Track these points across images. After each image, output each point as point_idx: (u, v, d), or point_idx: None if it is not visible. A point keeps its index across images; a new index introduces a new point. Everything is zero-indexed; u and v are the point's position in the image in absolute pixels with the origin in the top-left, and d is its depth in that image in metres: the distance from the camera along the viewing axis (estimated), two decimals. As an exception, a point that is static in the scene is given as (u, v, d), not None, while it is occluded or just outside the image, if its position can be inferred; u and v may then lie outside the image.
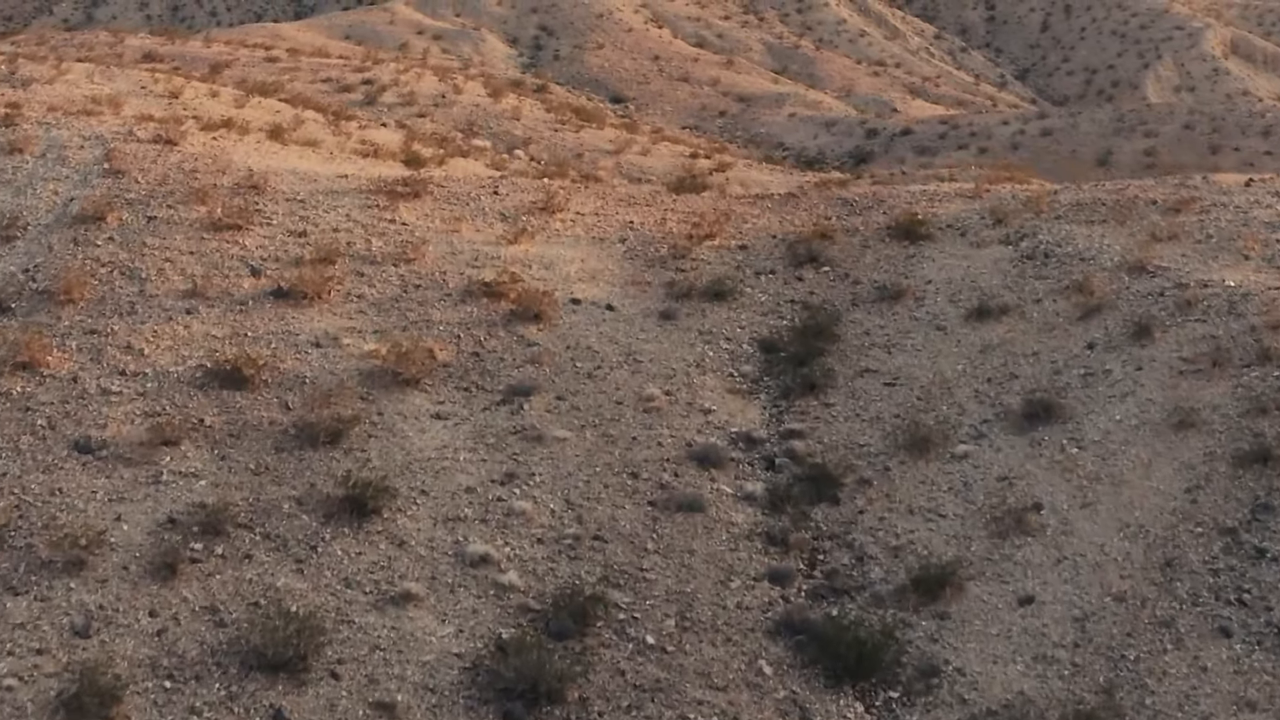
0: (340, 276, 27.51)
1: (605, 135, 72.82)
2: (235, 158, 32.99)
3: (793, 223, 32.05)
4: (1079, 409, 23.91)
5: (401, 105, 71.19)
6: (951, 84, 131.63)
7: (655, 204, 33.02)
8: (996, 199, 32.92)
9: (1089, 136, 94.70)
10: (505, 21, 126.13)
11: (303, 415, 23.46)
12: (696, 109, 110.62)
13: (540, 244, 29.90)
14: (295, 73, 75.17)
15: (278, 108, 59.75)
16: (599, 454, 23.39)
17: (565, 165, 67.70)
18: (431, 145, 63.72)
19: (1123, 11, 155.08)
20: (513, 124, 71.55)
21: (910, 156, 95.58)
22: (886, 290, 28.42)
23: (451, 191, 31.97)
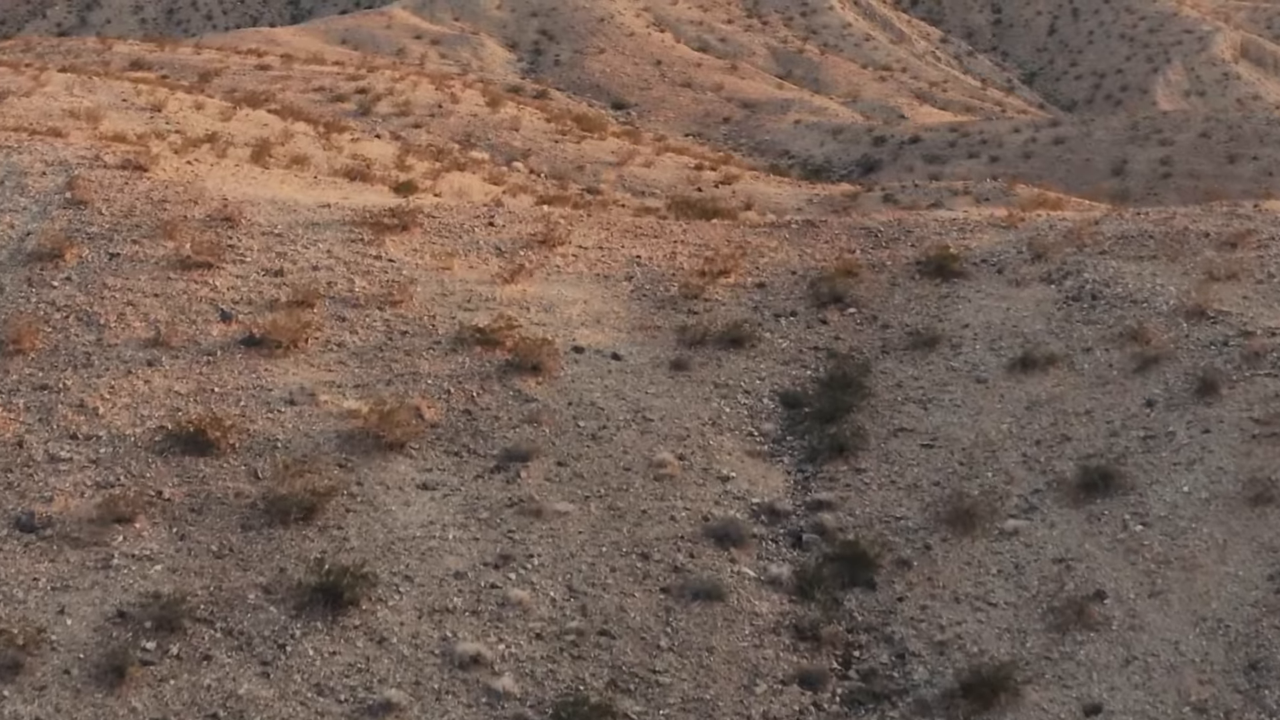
0: (319, 322, 24.91)
1: (607, 146, 70.24)
2: (209, 185, 30.38)
3: (813, 256, 29.43)
4: (1141, 478, 21.31)
5: (396, 115, 68.58)
6: (959, 89, 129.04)
7: (664, 235, 30.41)
8: (1033, 229, 30.31)
9: (1102, 145, 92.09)
10: (505, 26, 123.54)
11: (273, 486, 20.88)
12: (700, 115, 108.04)
13: (539, 282, 27.30)
14: (287, 81, 72.58)
15: (266, 120, 57.19)
16: (605, 531, 20.80)
17: (566, 179, 65.18)
18: (427, 158, 61.15)
19: (1131, 15, 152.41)
20: (511, 134, 68.95)
21: (919, 165, 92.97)
22: (919, 336, 25.81)
23: (443, 223, 29.36)
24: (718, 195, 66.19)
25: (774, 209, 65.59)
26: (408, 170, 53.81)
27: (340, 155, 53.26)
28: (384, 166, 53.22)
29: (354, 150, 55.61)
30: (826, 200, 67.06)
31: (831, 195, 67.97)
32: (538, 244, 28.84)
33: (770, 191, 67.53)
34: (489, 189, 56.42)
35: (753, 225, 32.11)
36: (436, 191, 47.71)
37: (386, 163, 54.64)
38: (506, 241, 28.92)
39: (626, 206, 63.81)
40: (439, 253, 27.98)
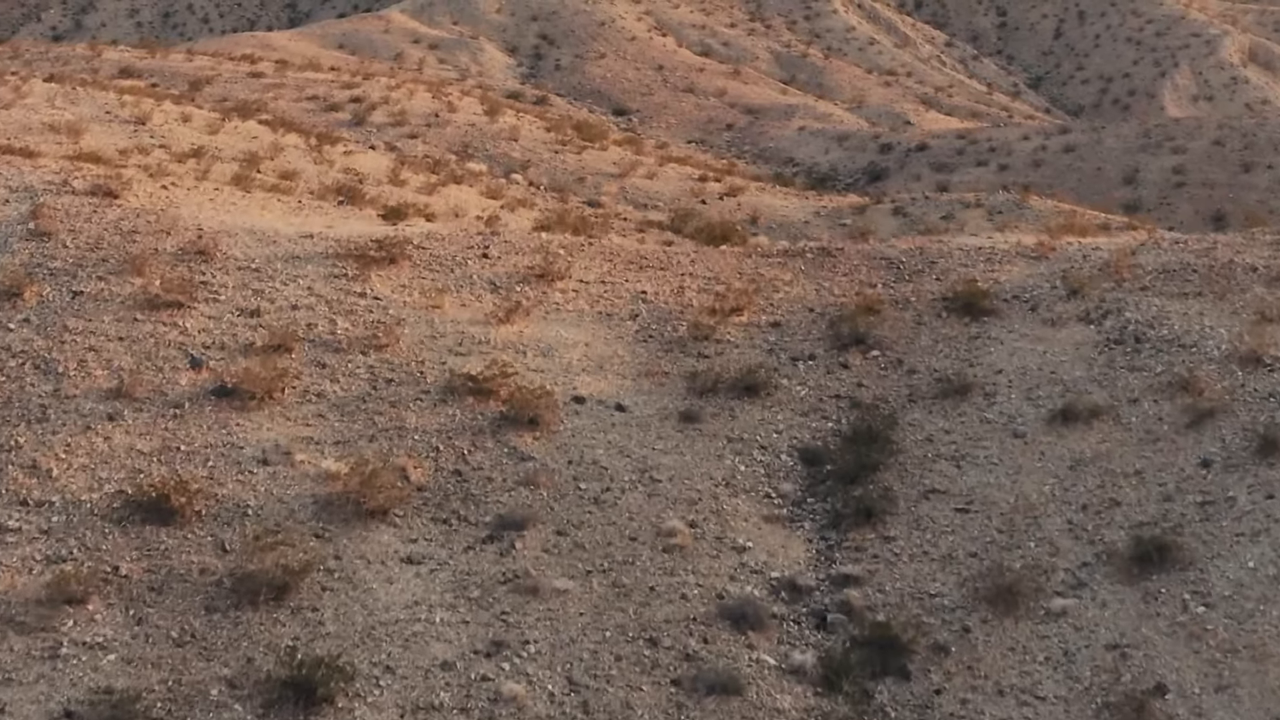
0: (297, 369, 22.83)
1: (608, 156, 68.18)
2: (184, 213, 28.29)
3: (832, 291, 27.35)
4: (1200, 551, 19.24)
5: (392, 125, 66.53)
6: (964, 94, 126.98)
7: (670, 266, 28.32)
8: (1066, 261, 28.23)
9: (1114, 153, 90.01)
10: (504, 30, 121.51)
11: (242, 561, 18.80)
12: (702, 122, 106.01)
13: (537, 322, 25.22)
14: (279, 90, 70.53)
15: (255, 132, 55.13)
16: (609, 612, 18.71)
17: (567, 191, 63.12)
18: (422, 171, 59.08)
19: (1138, 18, 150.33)
20: (510, 145, 66.86)
21: (927, 173, 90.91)
22: (950, 383, 23.71)
23: (433, 255, 27.27)
24: (724, 208, 64.24)
25: (780, 222, 63.58)
26: (401, 184, 51.77)
27: (331, 169, 51.22)
28: (377, 181, 51.17)
29: (346, 164, 53.55)
30: (834, 213, 65.03)
31: (839, 208, 65.93)
32: (535, 278, 26.76)
33: (776, 204, 65.48)
34: (486, 204, 54.36)
35: (765, 254, 30.00)
36: (429, 212, 45.68)
37: (380, 176, 52.59)
38: (502, 276, 26.83)
39: (629, 220, 61.77)
40: (429, 289, 25.90)
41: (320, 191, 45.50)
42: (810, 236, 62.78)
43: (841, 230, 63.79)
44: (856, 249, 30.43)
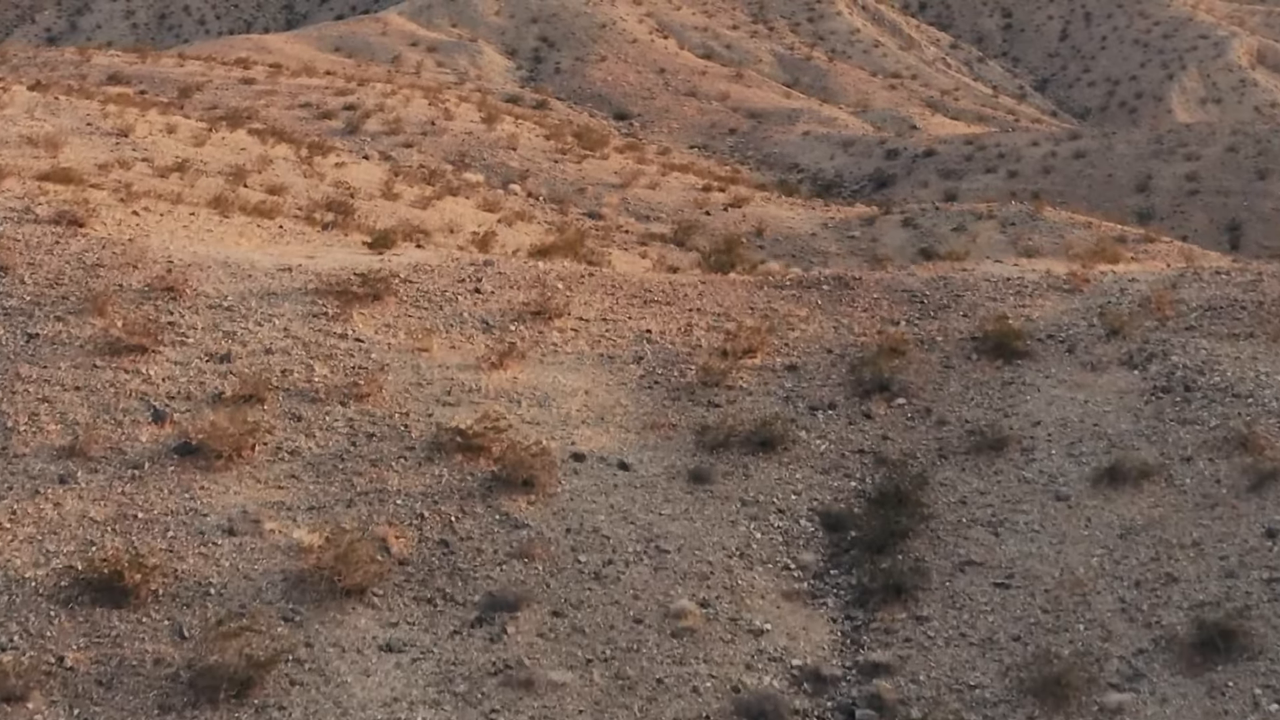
0: (269, 423, 20.79)
1: (609, 166, 66.11)
2: (154, 244, 26.23)
3: (851, 329, 25.30)
4: (1270, 638, 17.20)
5: (386, 134, 64.45)
6: (970, 97, 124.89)
7: (677, 301, 26.27)
8: (1102, 295, 26.18)
9: (1125, 159, 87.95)
10: (504, 32, 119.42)
11: (202, 651, 16.77)
12: (705, 126, 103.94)
13: (533, 366, 23.17)
14: (271, 97, 68.46)
15: (244, 144, 53.05)
16: (611, 709, 16.68)
17: (566, 203, 61.06)
18: (417, 183, 57.02)
19: (1145, 20, 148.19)
20: (508, 154, 64.79)
21: (934, 180, 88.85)
22: (983, 436, 21.66)
23: (421, 290, 25.22)
24: (729, 219, 62.20)
25: (786, 234, 61.53)
26: (395, 198, 49.74)
27: (322, 183, 49.17)
28: (368, 195, 49.13)
29: (337, 176, 51.48)
30: (842, 225, 63.00)
31: (847, 218, 63.91)
32: (531, 315, 24.71)
33: (782, 215, 63.45)
34: (483, 218, 52.31)
35: (777, 285, 27.92)
36: (422, 229, 43.68)
37: (372, 189, 50.55)
38: (495, 313, 24.78)
39: (631, 233, 59.76)
40: (415, 329, 23.85)
41: (309, 208, 43.49)
42: (818, 249, 60.86)
43: (850, 242, 61.89)
44: (876, 279, 28.37)
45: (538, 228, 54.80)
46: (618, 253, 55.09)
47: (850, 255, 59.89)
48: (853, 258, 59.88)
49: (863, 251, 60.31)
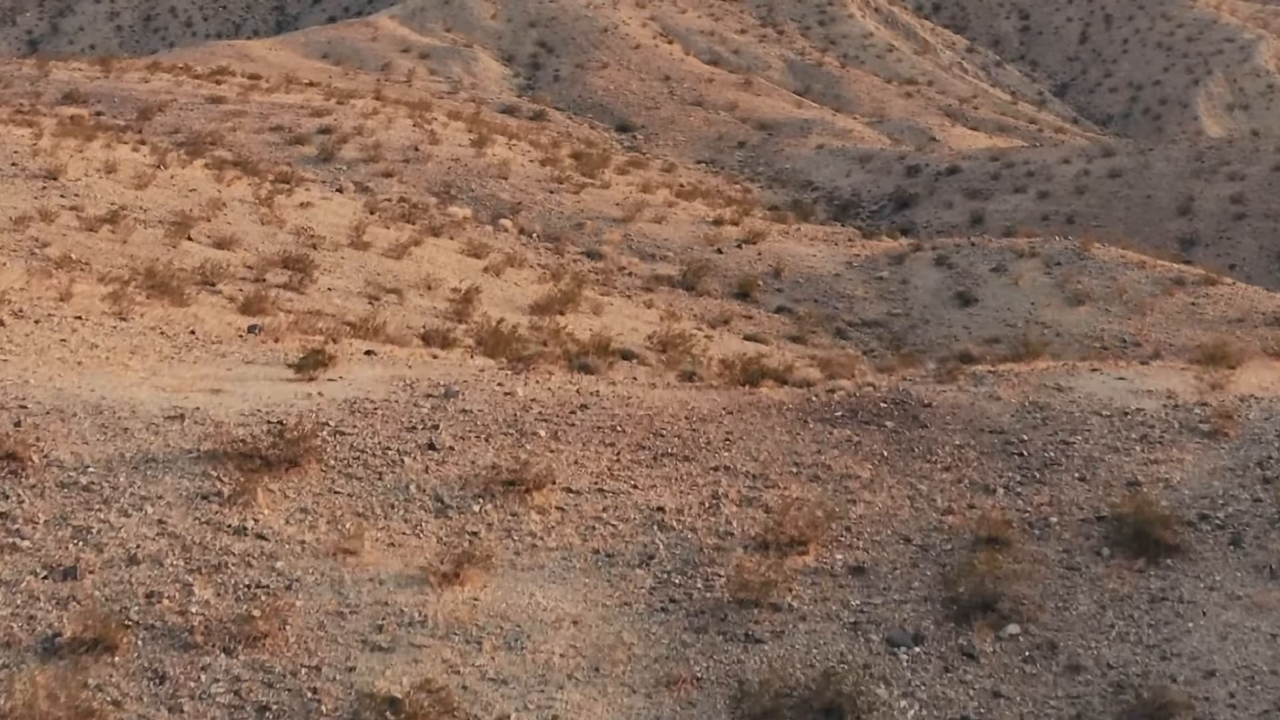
0: (117, 690, 14.22)
1: (610, 196, 59.47)
2: (8, 376, 19.67)
3: (932, 500, 18.69)
4: None
5: (364, 161, 57.81)
6: (989, 105, 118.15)
7: (697, 452, 19.69)
8: (1256, 440, 19.61)
9: (1164, 179, 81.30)
10: (500, 37, 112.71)
11: None
12: (712, 139, 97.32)
13: (501, 578, 16.57)
14: (240, 119, 61.81)
15: (195, 181, 46.43)
16: None
17: (563, 240, 54.45)
18: (395, 222, 50.38)
19: (1168, 22, 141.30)
20: (499, 184, 58.16)
21: (959, 200, 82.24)
22: (1137, 696, 15.03)
23: (356, 447, 18.64)
24: (743, 259, 55.57)
25: (807, 275, 54.88)
26: (365, 247, 43.11)
27: (281, 231, 42.56)
28: (334, 245, 42.51)
29: (301, 220, 44.85)
30: (868, 265, 56.33)
31: (873, 256, 57.23)
32: (502, 487, 18.11)
33: (801, 253, 56.80)
34: (467, 267, 45.68)
35: (826, 416, 21.34)
36: (393, 292, 37.00)
37: (340, 236, 43.94)
38: (454, 484, 18.17)
39: (635, 275, 53.14)
40: (343, 515, 17.25)
41: (259, 268, 36.91)
42: (843, 293, 54.31)
43: (878, 284, 55.27)
44: (951, 405, 21.80)
45: (530, 274, 48.24)
46: (619, 302, 48.54)
47: (879, 299, 53.33)
48: (882, 302, 53.32)
49: (892, 296, 53.74)
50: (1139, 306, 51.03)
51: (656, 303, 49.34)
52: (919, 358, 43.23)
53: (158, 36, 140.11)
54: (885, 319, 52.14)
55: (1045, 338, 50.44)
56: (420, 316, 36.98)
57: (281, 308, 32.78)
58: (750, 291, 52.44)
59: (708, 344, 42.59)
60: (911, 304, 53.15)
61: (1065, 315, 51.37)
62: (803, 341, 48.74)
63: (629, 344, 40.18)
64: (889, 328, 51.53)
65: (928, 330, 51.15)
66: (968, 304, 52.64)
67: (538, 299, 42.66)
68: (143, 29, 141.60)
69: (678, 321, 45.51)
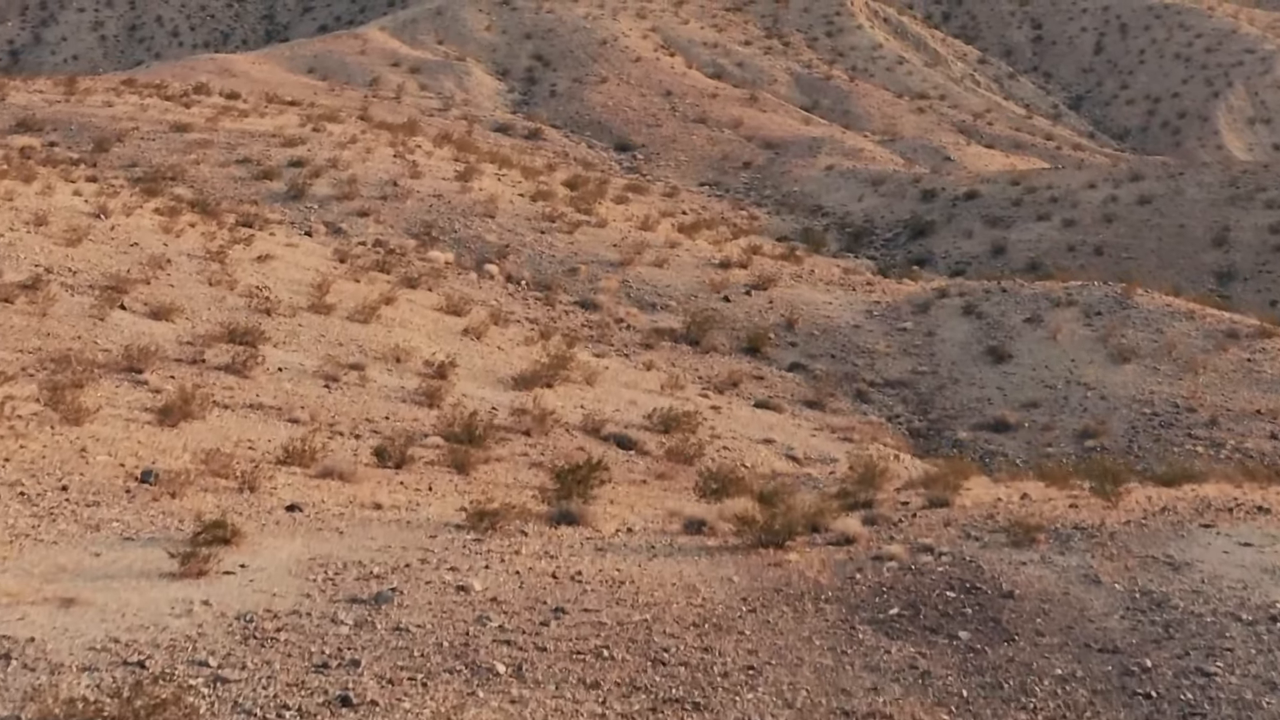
0: None
1: (607, 235, 54.10)
2: None
3: (1037, 781, 13.33)
4: None
5: (338, 199, 52.45)
6: (1003, 120, 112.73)
7: (712, 700, 14.30)
8: None
9: (1197, 206, 75.93)
10: (494, 50, 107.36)
11: None
12: (716, 159, 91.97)
13: None
14: (205, 150, 56.44)
15: (139, 232, 41.08)
16: None
17: (555, 289, 49.12)
18: (367, 271, 45.03)
19: (1185, 32, 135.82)
20: (485, 223, 52.81)
21: (979, 228, 76.88)
22: None
23: (241, 708, 13.28)
24: (752, 307, 50.26)
25: (824, 326, 49.51)
26: (328, 311, 37.75)
27: (232, 293, 37.20)
28: (292, 309, 37.14)
29: (258, 277, 39.52)
30: (890, 313, 50.93)
31: (895, 304, 51.80)
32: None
33: (817, 300, 51.42)
34: (444, 328, 40.34)
35: (877, 616, 16.03)
36: (356, 369, 31.57)
37: (300, 296, 38.62)
38: (371, 771, 12.81)
39: (634, 328, 47.82)
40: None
41: (199, 343, 31.58)
42: (864, 347, 48.99)
43: (902, 338, 49.87)
44: (1041, 603, 16.49)
45: (516, 333, 42.93)
46: (616, 364, 43.20)
47: (903, 355, 47.96)
48: (906, 358, 47.94)
49: (918, 350, 48.37)
50: (1190, 364, 45.61)
51: (657, 363, 44.05)
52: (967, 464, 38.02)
53: (143, 47, 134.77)
54: (910, 378, 46.79)
55: (1087, 401, 45.21)
56: (384, 402, 31.69)
57: (218, 401, 27.57)
58: (761, 346, 47.14)
59: (714, 421, 37.36)
60: (939, 360, 47.82)
61: (1109, 374, 46.02)
62: (820, 407, 43.45)
63: (626, 422, 34.96)
64: (915, 388, 46.19)
65: (958, 391, 45.80)
66: (1001, 360, 47.30)
67: (523, 369, 37.40)
68: (127, 39, 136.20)
69: (681, 389, 40.20)
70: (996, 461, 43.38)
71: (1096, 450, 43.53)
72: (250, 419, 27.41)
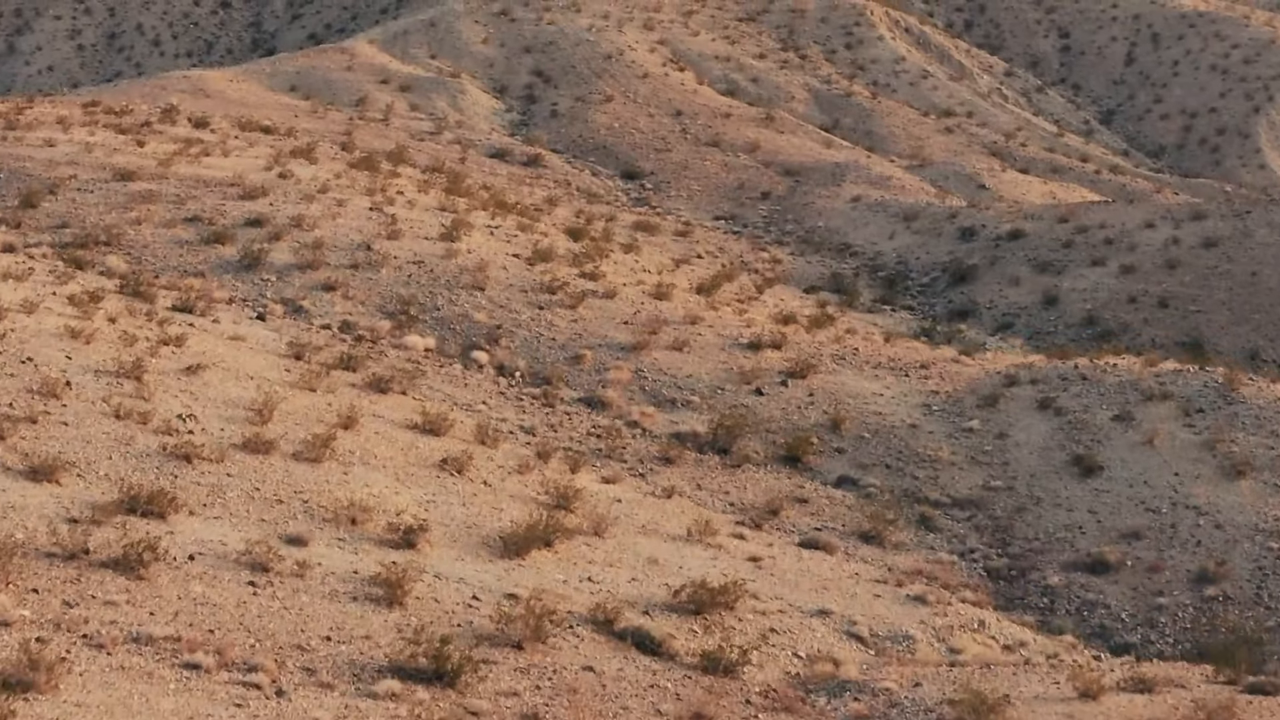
0: None
1: (617, 308, 45.59)
2: None
3: None
4: None
5: (300, 268, 43.95)
6: (1035, 138, 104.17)
7: None
8: None
9: (1270, 250, 67.40)
10: (492, 65, 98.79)
11: None
12: (732, 188, 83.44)
13: None
14: (150, 205, 47.89)
15: (42, 334, 32.67)
16: None
17: (555, 381, 40.68)
18: (325, 375, 36.53)
19: (1222, 42, 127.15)
20: (473, 297, 44.33)
21: (1026, 274, 68.39)
22: None
23: None
24: (789, 401, 41.89)
25: (876, 427, 40.99)
26: (268, 450, 29.20)
27: (146, 428, 28.75)
28: (217, 454, 28.60)
29: (183, 398, 31.00)
30: (951, 405, 42.38)
31: (956, 394, 43.22)
32: None
33: (864, 389, 42.91)
34: (417, 458, 31.88)
35: None
36: (296, 543, 23.12)
37: (234, 427, 30.14)
38: None
39: (650, 432, 39.38)
40: None
41: (90, 518, 23.39)
42: (924, 454, 40.48)
43: (968, 440, 41.31)
44: None
45: (508, 454, 34.42)
46: (630, 491, 34.77)
47: (971, 464, 39.50)
48: (976, 468, 39.47)
49: (988, 458, 39.90)
50: None
51: (681, 487, 35.68)
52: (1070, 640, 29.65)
53: (122, 56, 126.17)
54: (983, 495, 38.34)
55: (1200, 531, 36.85)
56: (327, 604, 23.39)
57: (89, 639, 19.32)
58: (802, 455, 38.72)
59: (755, 582, 29.02)
60: (1014, 471, 39.37)
61: (1222, 494, 37.64)
62: (879, 541, 35.12)
63: (647, 601, 26.77)
64: (989, 510, 37.76)
65: (1041, 515, 37.41)
66: (1090, 473, 38.87)
67: (515, 520, 29.00)
68: (106, 48, 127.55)
69: (712, 534, 31.81)
70: (1098, 616, 35.11)
71: (1218, 601, 35.26)
72: (128, 679, 19.09)
